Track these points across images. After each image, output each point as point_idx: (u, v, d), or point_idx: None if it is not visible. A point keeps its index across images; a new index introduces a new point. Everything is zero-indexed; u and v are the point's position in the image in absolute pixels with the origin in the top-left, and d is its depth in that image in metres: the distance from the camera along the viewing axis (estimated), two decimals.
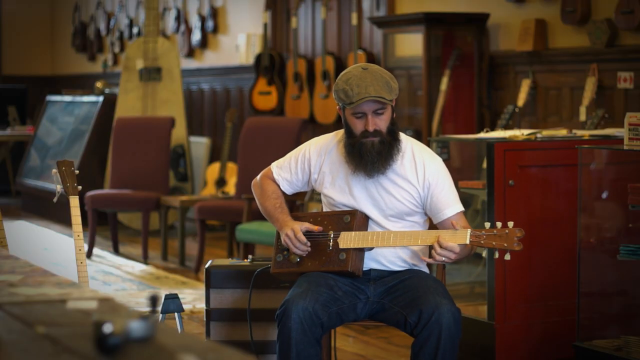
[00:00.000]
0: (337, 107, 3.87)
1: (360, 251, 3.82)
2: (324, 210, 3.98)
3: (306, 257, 3.85)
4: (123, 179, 8.61)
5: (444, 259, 3.64)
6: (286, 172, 3.99)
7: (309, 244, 3.82)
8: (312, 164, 3.93)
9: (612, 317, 4.95)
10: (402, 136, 3.88)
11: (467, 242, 3.62)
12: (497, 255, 3.69)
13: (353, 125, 3.79)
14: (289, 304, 3.65)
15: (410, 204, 3.83)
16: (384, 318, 3.83)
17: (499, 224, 3.64)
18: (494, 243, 3.60)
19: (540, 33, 6.79)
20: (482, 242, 3.61)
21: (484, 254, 3.72)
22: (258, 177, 4.08)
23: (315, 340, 3.65)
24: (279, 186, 4.01)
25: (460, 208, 3.85)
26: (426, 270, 3.96)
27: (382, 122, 3.77)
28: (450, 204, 3.82)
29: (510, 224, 3.61)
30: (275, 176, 4.01)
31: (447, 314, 3.61)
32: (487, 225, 3.64)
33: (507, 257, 3.64)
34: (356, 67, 3.82)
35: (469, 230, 3.64)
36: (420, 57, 7.29)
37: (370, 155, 3.76)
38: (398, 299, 3.76)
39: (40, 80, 14.19)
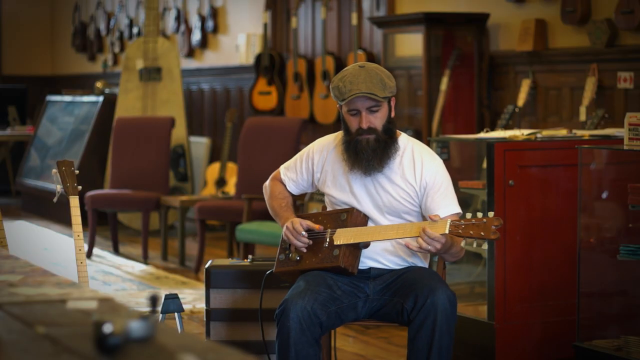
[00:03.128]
0: (337, 105, 3.90)
1: (355, 248, 3.82)
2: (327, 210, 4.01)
3: (305, 255, 3.87)
4: (123, 179, 8.61)
5: (429, 247, 3.62)
6: (292, 172, 4.06)
7: (306, 234, 3.83)
8: (315, 162, 3.98)
9: (612, 317, 4.95)
10: (403, 136, 3.89)
11: (447, 231, 3.61)
12: (475, 245, 3.67)
13: (349, 123, 3.83)
14: (287, 303, 3.65)
15: (407, 202, 3.84)
16: (383, 314, 3.83)
17: (479, 214, 3.63)
18: (471, 232, 3.59)
19: (540, 33, 6.79)
20: (460, 231, 3.60)
21: (477, 245, 3.68)
22: (268, 180, 4.16)
23: (314, 340, 3.65)
24: (285, 187, 4.08)
25: (456, 210, 3.84)
26: (425, 267, 3.96)
27: (376, 120, 3.79)
28: (445, 205, 3.81)
29: (490, 214, 3.61)
30: (283, 177, 4.09)
31: (442, 295, 3.62)
32: (469, 215, 3.64)
33: (485, 246, 3.62)
34: (354, 65, 3.86)
35: (448, 220, 3.63)
36: (420, 57, 7.29)
37: (365, 153, 3.78)
38: (396, 292, 3.78)
39: (40, 80, 14.18)
